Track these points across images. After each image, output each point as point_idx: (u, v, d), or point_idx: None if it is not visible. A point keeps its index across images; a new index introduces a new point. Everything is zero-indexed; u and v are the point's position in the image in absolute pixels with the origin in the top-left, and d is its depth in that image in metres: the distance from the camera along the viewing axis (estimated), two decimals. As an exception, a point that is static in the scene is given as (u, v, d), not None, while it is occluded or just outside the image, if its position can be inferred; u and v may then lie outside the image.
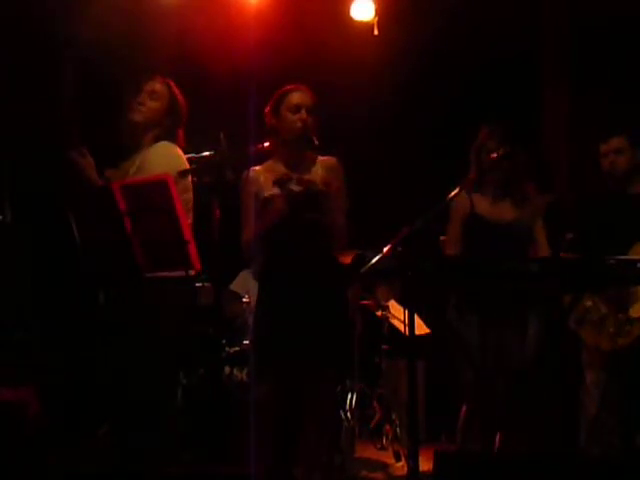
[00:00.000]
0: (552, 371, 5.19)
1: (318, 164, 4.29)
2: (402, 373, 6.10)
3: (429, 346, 5.95)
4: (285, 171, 4.24)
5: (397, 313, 5.87)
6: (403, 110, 6.59)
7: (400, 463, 5.58)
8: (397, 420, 5.89)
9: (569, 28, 6.41)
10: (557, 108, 6.48)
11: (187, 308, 4.22)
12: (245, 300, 5.74)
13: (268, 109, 4.31)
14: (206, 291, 5.29)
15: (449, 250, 4.60)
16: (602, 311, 4.42)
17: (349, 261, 4.58)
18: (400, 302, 5.94)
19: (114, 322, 4.17)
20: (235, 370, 5.40)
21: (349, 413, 5.47)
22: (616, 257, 4.17)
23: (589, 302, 4.46)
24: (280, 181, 4.14)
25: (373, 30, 5.99)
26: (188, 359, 5.28)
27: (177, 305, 4.15)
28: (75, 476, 4.46)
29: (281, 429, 4.23)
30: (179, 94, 4.32)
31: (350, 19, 6.07)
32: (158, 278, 4.03)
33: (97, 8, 5.46)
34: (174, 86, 4.33)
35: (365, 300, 5.96)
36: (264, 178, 4.24)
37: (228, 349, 5.47)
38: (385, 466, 5.59)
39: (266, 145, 4.30)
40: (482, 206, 4.54)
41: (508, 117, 4.70)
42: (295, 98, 4.25)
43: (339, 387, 5.47)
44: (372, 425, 6.00)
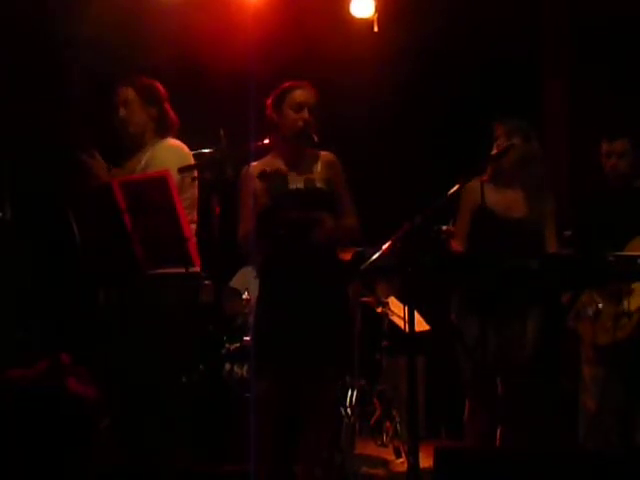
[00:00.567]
0: (551, 368, 5.20)
1: (319, 161, 4.28)
2: (402, 370, 6.10)
3: (429, 342, 5.96)
4: (284, 168, 4.23)
5: (397, 310, 5.87)
6: (403, 108, 6.60)
7: (400, 459, 5.59)
8: (397, 416, 5.90)
9: (569, 28, 6.41)
10: (557, 108, 6.48)
11: (190, 305, 4.23)
12: (245, 297, 5.75)
13: (269, 103, 4.29)
14: (206, 288, 5.29)
15: (456, 240, 4.58)
16: (598, 305, 4.42)
17: (349, 258, 4.60)
18: (400, 299, 5.94)
19: (114, 321, 4.17)
20: (235, 367, 5.40)
21: (349, 410, 5.47)
22: (615, 253, 4.19)
23: (585, 297, 4.46)
24: (262, 175, 4.12)
25: (373, 27, 5.99)
26: (189, 356, 5.28)
27: (181, 302, 4.16)
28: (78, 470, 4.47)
29: (281, 426, 4.23)
30: (149, 85, 4.33)
31: (350, 16, 6.07)
32: (162, 275, 4.04)
33: (96, 7, 5.46)
34: (140, 80, 4.34)
35: (365, 297, 5.96)
36: None
37: (228, 346, 5.48)
38: (385, 462, 5.60)
39: (266, 142, 4.30)
40: (493, 199, 4.52)
41: (507, 116, 4.71)
42: (298, 96, 4.23)
43: (339, 384, 5.48)
44: (372, 422, 6.01)
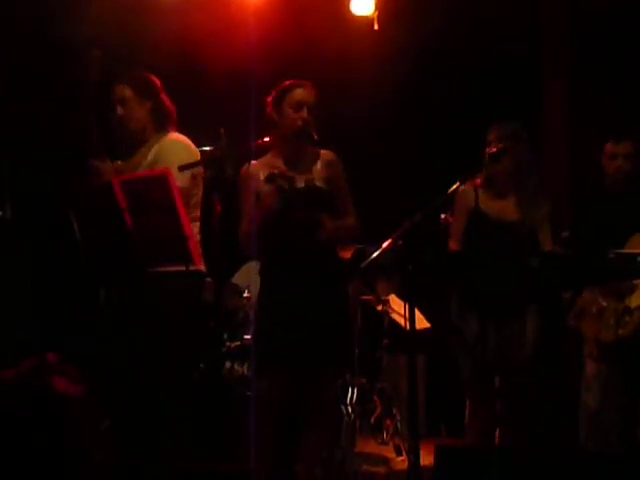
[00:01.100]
0: (552, 367, 5.20)
1: (319, 160, 4.28)
2: (402, 368, 6.10)
3: (429, 340, 5.96)
4: (283, 167, 4.23)
5: (397, 307, 5.87)
6: (402, 106, 6.60)
7: (401, 457, 5.59)
8: (398, 414, 5.90)
9: (569, 28, 6.41)
10: (557, 108, 6.48)
11: (191, 304, 4.23)
12: (246, 295, 5.75)
13: (270, 101, 4.29)
14: (207, 286, 5.29)
15: (453, 243, 4.60)
16: (601, 303, 4.42)
17: (349, 256, 4.60)
18: (400, 296, 5.94)
19: (115, 320, 4.17)
20: (236, 365, 5.40)
21: (350, 408, 5.47)
22: (615, 251, 4.20)
23: (587, 295, 4.46)
24: (271, 177, 4.13)
25: (373, 26, 5.98)
26: (189, 355, 5.29)
27: (181, 301, 4.17)
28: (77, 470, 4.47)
29: (281, 425, 4.23)
30: (143, 75, 4.34)
31: (350, 15, 6.07)
32: (163, 273, 4.04)
33: (96, 7, 5.46)
34: (130, 76, 4.34)
35: (365, 295, 5.96)
36: (262, 172, 4.23)
37: (229, 344, 5.48)
38: (386, 460, 5.60)
39: (266, 140, 4.30)
40: (487, 203, 4.54)
41: (507, 117, 4.71)
42: (297, 95, 4.23)
43: (339, 382, 5.48)
44: (373, 420, 6.01)
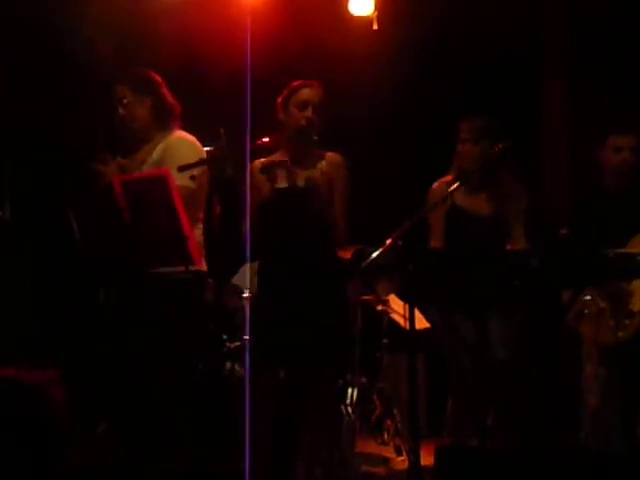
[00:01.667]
0: (551, 368, 5.19)
1: (324, 161, 4.30)
2: (403, 368, 6.09)
3: (429, 340, 5.96)
4: (289, 166, 4.25)
5: (397, 307, 5.87)
6: (402, 106, 6.59)
7: (401, 457, 5.59)
8: (398, 414, 5.89)
9: (569, 28, 6.41)
10: (557, 108, 6.48)
11: (191, 304, 4.24)
12: (246, 295, 5.73)
13: (279, 102, 4.33)
14: (207, 286, 5.28)
15: (435, 242, 4.62)
16: (601, 305, 4.41)
17: (349, 256, 4.60)
18: (400, 296, 5.94)
19: (114, 320, 4.17)
20: (236, 365, 5.39)
21: (350, 408, 5.47)
22: (615, 251, 4.19)
23: (587, 296, 4.46)
24: (266, 167, 4.13)
25: (372, 26, 5.98)
26: (189, 356, 5.29)
27: (181, 301, 4.17)
28: (75, 473, 4.46)
29: (281, 424, 4.23)
30: (145, 73, 4.34)
31: (349, 15, 6.06)
32: (162, 274, 4.04)
33: (96, 7, 5.46)
34: (132, 75, 4.35)
35: (365, 295, 5.95)
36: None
37: (229, 344, 5.47)
38: (386, 460, 5.59)
39: (266, 140, 4.31)
40: (461, 198, 4.57)
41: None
42: (303, 94, 4.27)
43: (339, 382, 5.48)
44: (373, 420, 6.01)
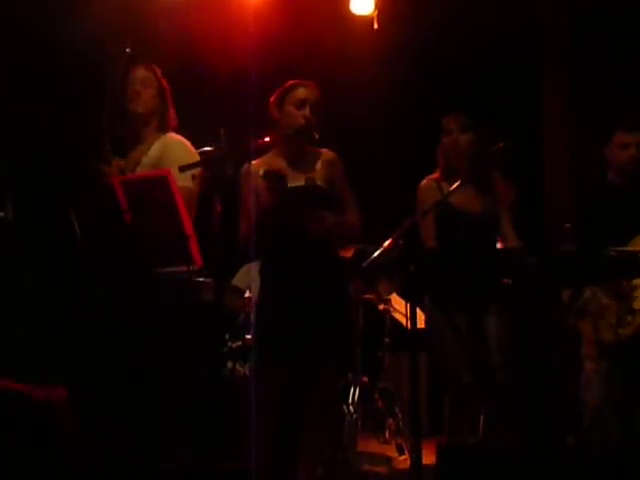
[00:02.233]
0: (551, 366, 5.20)
1: (320, 160, 4.29)
2: (404, 367, 6.11)
3: (429, 338, 5.96)
4: (284, 166, 4.24)
5: (399, 307, 5.88)
6: (402, 106, 6.60)
7: (403, 456, 5.59)
8: (400, 413, 5.90)
9: (569, 28, 6.41)
10: (557, 108, 6.49)
11: (191, 304, 4.24)
12: (247, 295, 5.74)
13: (272, 101, 4.30)
14: (207, 286, 5.29)
15: (429, 240, 4.61)
16: (602, 302, 4.41)
17: (350, 255, 4.60)
18: (402, 295, 5.94)
19: (115, 320, 4.18)
20: (237, 365, 5.40)
21: (351, 407, 5.47)
22: (617, 249, 4.19)
23: (589, 293, 4.45)
24: (267, 174, 4.13)
25: (372, 25, 5.98)
26: (190, 356, 5.29)
27: (181, 301, 4.17)
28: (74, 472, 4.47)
29: (283, 425, 4.23)
30: (162, 77, 4.39)
31: (350, 14, 6.06)
32: (163, 273, 4.05)
33: (96, 7, 5.46)
34: (157, 69, 4.39)
35: (367, 294, 5.96)
36: (262, 171, 4.23)
37: (230, 344, 5.48)
38: (388, 459, 5.59)
39: (267, 140, 4.31)
40: (452, 195, 4.56)
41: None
42: (300, 93, 4.24)
43: (341, 382, 5.48)
44: (375, 419, 6.01)
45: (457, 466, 3.64)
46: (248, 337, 5.48)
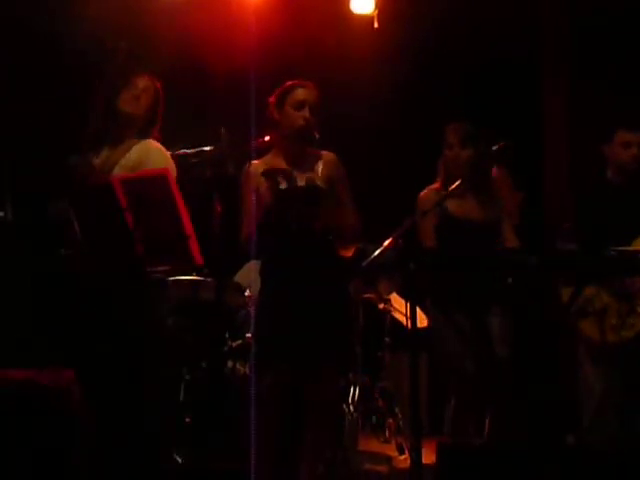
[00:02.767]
0: (551, 366, 5.19)
1: (320, 161, 4.29)
2: (404, 366, 6.11)
3: (431, 339, 5.96)
4: (285, 166, 4.24)
5: (399, 306, 5.88)
6: (402, 105, 6.60)
7: (403, 456, 5.59)
8: (400, 413, 5.90)
9: (569, 28, 6.41)
10: (557, 108, 6.49)
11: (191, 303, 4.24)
12: (247, 294, 5.74)
13: (272, 101, 4.30)
14: (208, 285, 5.29)
15: (427, 243, 4.61)
16: (604, 301, 4.38)
17: (350, 255, 4.60)
18: (402, 295, 5.94)
19: (115, 320, 4.17)
20: (238, 364, 5.40)
21: (352, 407, 5.47)
22: (618, 248, 4.18)
23: (591, 291, 4.41)
24: (268, 173, 4.12)
25: (373, 24, 5.98)
26: (190, 354, 5.29)
27: (180, 301, 4.18)
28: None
29: (283, 423, 4.23)
30: (162, 93, 4.38)
31: (350, 13, 6.07)
32: (162, 272, 4.05)
33: (96, 7, 5.46)
34: (158, 84, 4.38)
35: (367, 294, 5.96)
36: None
37: (231, 343, 5.48)
38: (388, 459, 5.60)
39: (267, 139, 4.31)
40: (451, 204, 4.55)
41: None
42: (299, 94, 4.24)
43: (342, 381, 5.48)
44: (375, 418, 6.01)
45: (457, 465, 3.63)
46: (248, 336, 5.49)
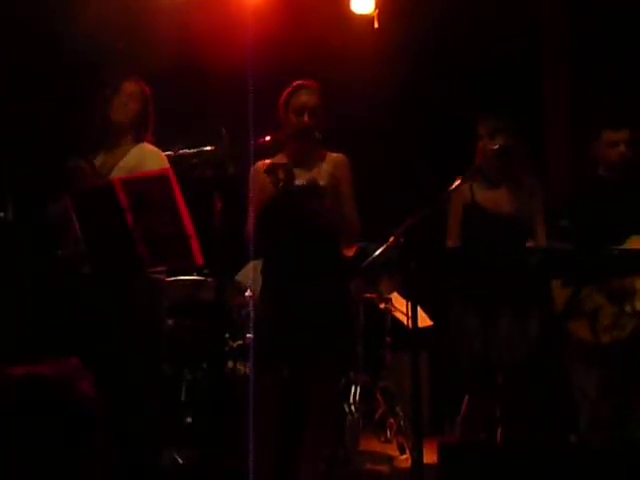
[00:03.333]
0: (550, 366, 5.19)
1: (326, 161, 4.30)
2: (406, 366, 6.10)
3: (432, 338, 5.97)
4: (291, 166, 4.25)
5: (400, 306, 5.88)
6: (402, 105, 6.60)
7: (404, 455, 5.59)
8: (401, 412, 5.90)
9: (569, 28, 6.41)
10: (557, 108, 6.48)
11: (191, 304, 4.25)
12: (248, 294, 5.74)
13: (280, 102, 4.33)
14: (208, 285, 5.29)
15: (451, 240, 4.61)
16: (597, 301, 4.36)
17: (352, 254, 4.60)
18: (403, 295, 5.94)
19: (113, 320, 4.17)
20: (238, 364, 5.40)
21: (353, 406, 5.48)
22: (619, 247, 4.18)
23: (584, 292, 4.39)
24: (270, 168, 4.14)
25: (373, 24, 5.98)
26: (190, 354, 5.30)
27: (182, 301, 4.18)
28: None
29: (284, 423, 4.24)
30: (151, 96, 4.38)
31: (350, 13, 6.06)
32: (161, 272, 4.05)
33: (96, 7, 5.46)
34: (147, 88, 4.39)
35: (368, 293, 5.96)
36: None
37: (231, 343, 5.48)
38: (389, 458, 5.60)
39: (267, 139, 4.32)
40: (481, 194, 4.54)
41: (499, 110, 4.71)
42: (299, 99, 4.26)
43: (342, 380, 5.48)
44: (376, 418, 6.02)
45: (459, 465, 3.63)
46: (248, 336, 5.49)
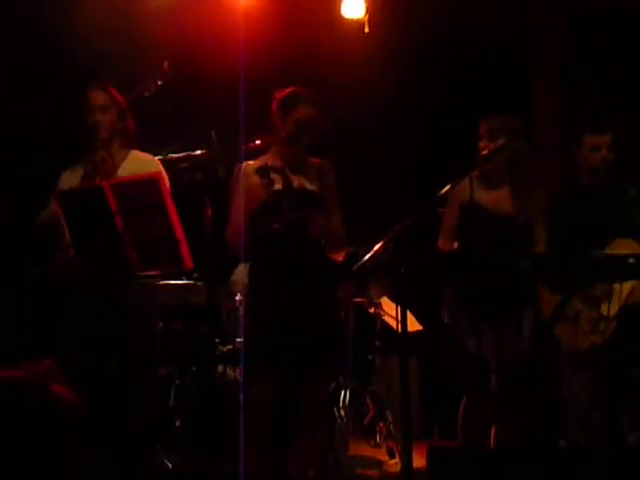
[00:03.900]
0: (543, 367, 5.19)
1: (313, 166, 4.30)
2: (395, 370, 6.10)
3: (422, 343, 5.97)
4: (285, 169, 4.23)
5: (389, 310, 5.87)
6: (394, 109, 6.60)
7: (394, 460, 5.59)
8: (390, 417, 5.89)
9: (565, 27, 6.42)
10: (550, 108, 6.49)
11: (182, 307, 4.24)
12: (238, 299, 5.73)
13: (276, 105, 4.27)
14: (198, 289, 5.28)
15: (443, 237, 4.60)
16: (577, 307, 4.36)
17: (341, 259, 4.60)
18: (392, 299, 5.94)
19: (107, 321, 4.16)
20: (228, 369, 5.39)
21: (342, 410, 5.47)
22: (606, 252, 4.18)
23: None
24: (263, 170, 4.11)
25: (363, 29, 5.98)
26: (180, 358, 5.29)
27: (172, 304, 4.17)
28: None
29: (274, 426, 4.23)
30: (118, 96, 4.35)
31: (340, 17, 6.07)
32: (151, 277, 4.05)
33: (91, 8, 5.45)
34: (112, 89, 4.35)
35: (357, 297, 5.96)
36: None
37: (221, 347, 5.47)
38: (379, 463, 5.59)
39: (257, 143, 4.31)
40: (481, 194, 4.53)
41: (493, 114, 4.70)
42: (300, 111, 4.21)
43: (332, 384, 5.48)
44: (365, 422, 6.01)
45: (448, 469, 3.63)
46: (238, 340, 5.48)
